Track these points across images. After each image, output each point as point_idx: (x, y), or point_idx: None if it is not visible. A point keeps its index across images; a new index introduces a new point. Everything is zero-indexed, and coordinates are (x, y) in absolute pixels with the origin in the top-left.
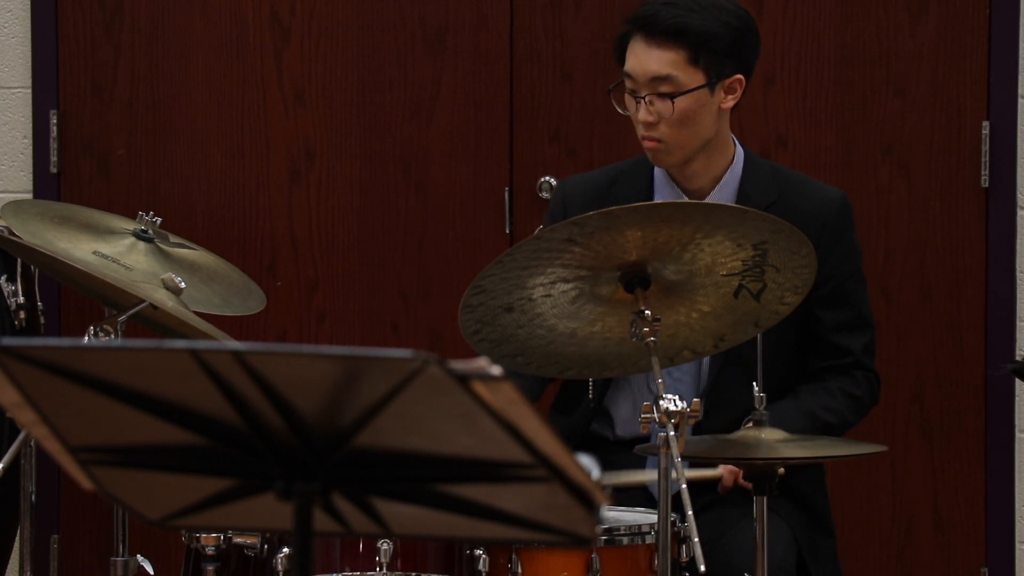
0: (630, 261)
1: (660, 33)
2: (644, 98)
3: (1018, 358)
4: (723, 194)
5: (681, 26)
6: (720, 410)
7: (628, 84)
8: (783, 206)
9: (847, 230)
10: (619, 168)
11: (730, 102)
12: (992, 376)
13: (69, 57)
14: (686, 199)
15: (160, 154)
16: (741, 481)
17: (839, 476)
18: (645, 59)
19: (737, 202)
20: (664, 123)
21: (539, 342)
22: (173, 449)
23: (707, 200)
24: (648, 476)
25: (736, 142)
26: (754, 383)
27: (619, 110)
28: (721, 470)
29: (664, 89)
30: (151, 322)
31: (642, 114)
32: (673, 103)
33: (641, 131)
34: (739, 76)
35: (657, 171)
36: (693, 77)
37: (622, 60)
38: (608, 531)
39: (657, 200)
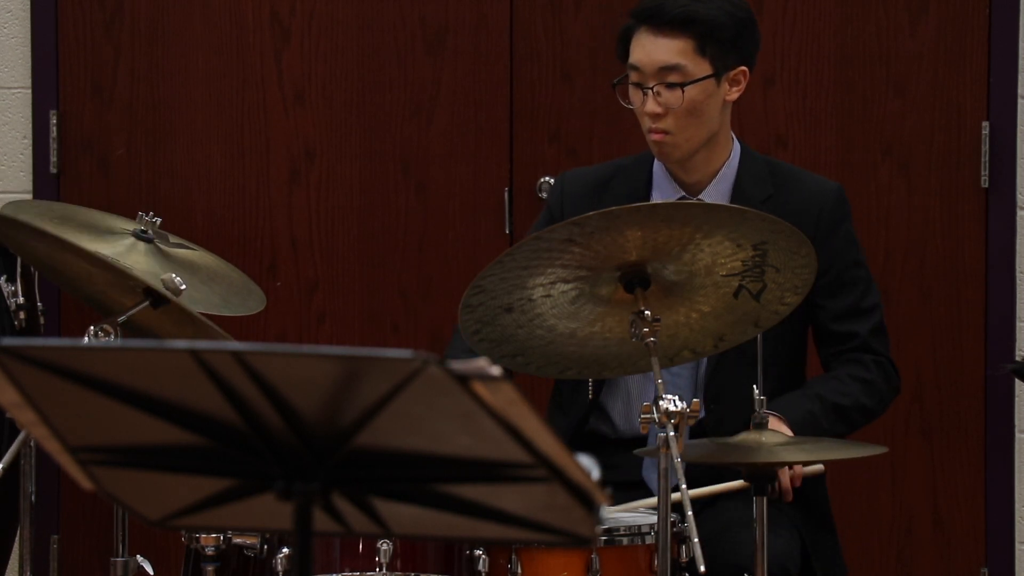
0: (630, 261)
1: (667, 23)
2: (652, 89)
3: (1018, 358)
4: (720, 188)
5: (689, 14)
6: (720, 406)
7: (634, 77)
8: (780, 199)
9: (844, 220)
10: (620, 164)
11: (735, 94)
12: (992, 376)
13: (69, 57)
14: (683, 193)
15: (160, 154)
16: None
17: (839, 476)
18: (652, 49)
19: (734, 196)
20: (672, 114)
21: (539, 342)
22: (173, 449)
23: (704, 194)
24: (728, 486)
25: (734, 137)
26: (755, 386)
27: (624, 104)
28: (781, 475)
29: (672, 79)
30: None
31: (650, 105)
32: (683, 91)
33: (648, 123)
34: (743, 68)
35: (656, 166)
36: (701, 66)
37: (625, 55)
38: (608, 531)
39: (655, 195)
